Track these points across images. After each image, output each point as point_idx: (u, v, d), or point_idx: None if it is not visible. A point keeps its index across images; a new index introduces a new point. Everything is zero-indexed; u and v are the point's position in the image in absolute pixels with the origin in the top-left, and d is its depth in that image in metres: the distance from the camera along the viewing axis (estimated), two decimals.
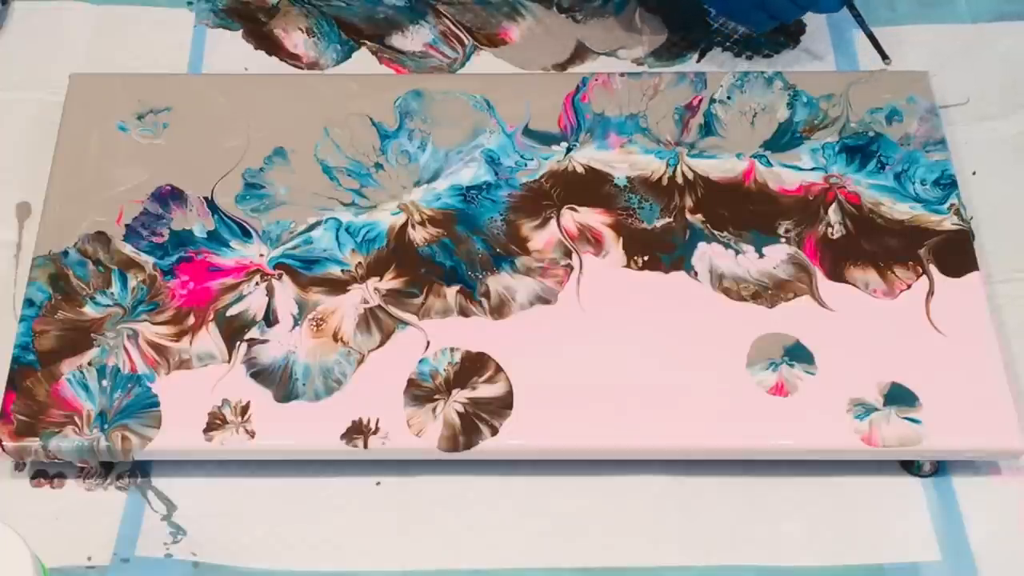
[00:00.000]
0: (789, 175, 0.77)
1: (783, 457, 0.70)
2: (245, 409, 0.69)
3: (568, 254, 0.74)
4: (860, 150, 0.78)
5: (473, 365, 0.70)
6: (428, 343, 0.71)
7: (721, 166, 0.77)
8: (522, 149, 0.78)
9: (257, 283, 0.73)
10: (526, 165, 0.77)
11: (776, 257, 0.74)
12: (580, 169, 0.77)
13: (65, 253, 0.73)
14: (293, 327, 0.71)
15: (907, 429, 0.68)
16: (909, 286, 0.73)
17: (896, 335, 0.71)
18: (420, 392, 0.69)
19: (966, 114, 0.83)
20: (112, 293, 0.72)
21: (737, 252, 0.74)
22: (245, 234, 0.75)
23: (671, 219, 0.75)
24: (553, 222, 0.75)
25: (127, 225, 0.75)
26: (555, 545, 0.68)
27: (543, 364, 0.70)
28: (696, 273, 0.73)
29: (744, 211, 0.76)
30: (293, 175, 0.77)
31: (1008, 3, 0.88)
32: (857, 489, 0.70)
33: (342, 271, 0.73)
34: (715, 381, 0.70)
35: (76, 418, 0.68)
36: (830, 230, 0.75)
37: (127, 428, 0.68)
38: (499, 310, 0.72)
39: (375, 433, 0.68)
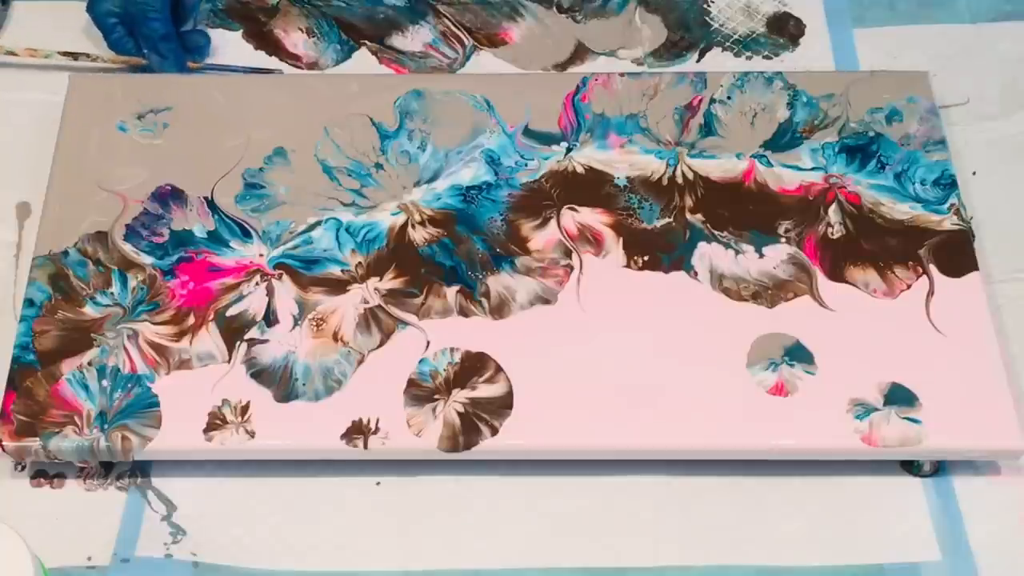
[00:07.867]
0: (789, 175, 0.77)
1: (783, 457, 0.69)
2: (245, 409, 0.68)
3: (568, 254, 0.74)
4: (860, 150, 0.78)
5: (473, 365, 0.70)
6: (428, 343, 0.71)
7: (721, 166, 0.77)
8: (522, 149, 0.78)
9: (257, 283, 0.73)
10: (526, 165, 0.77)
11: (776, 257, 0.74)
12: (580, 169, 0.77)
13: (65, 253, 0.73)
14: (293, 327, 0.71)
15: (907, 429, 0.68)
16: (909, 286, 0.73)
17: (896, 335, 0.71)
18: (420, 392, 0.69)
19: (966, 114, 0.83)
20: (112, 293, 0.72)
21: (737, 252, 0.74)
22: (245, 234, 0.74)
23: (671, 219, 0.75)
24: (553, 222, 0.75)
25: (127, 225, 0.75)
26: (555, 545, 0.68)
27: (543, 364, 0.70)
28: (696, 273, 0.73)
29: (744, 211, 0.76)
30: (293, 175, 0.77)
31: (1008, 3, 0.88)
32: (857, 489, 0.70)
33: (342, 271, 0.73)
34: (715, 381, 0.70)
35: (76, 418, 0.68)
36: (830, 230, 0.75)
37: (127, 428, 0.68)
38: (499, 310, 0.72)
39: (375, 433, 0.68)
